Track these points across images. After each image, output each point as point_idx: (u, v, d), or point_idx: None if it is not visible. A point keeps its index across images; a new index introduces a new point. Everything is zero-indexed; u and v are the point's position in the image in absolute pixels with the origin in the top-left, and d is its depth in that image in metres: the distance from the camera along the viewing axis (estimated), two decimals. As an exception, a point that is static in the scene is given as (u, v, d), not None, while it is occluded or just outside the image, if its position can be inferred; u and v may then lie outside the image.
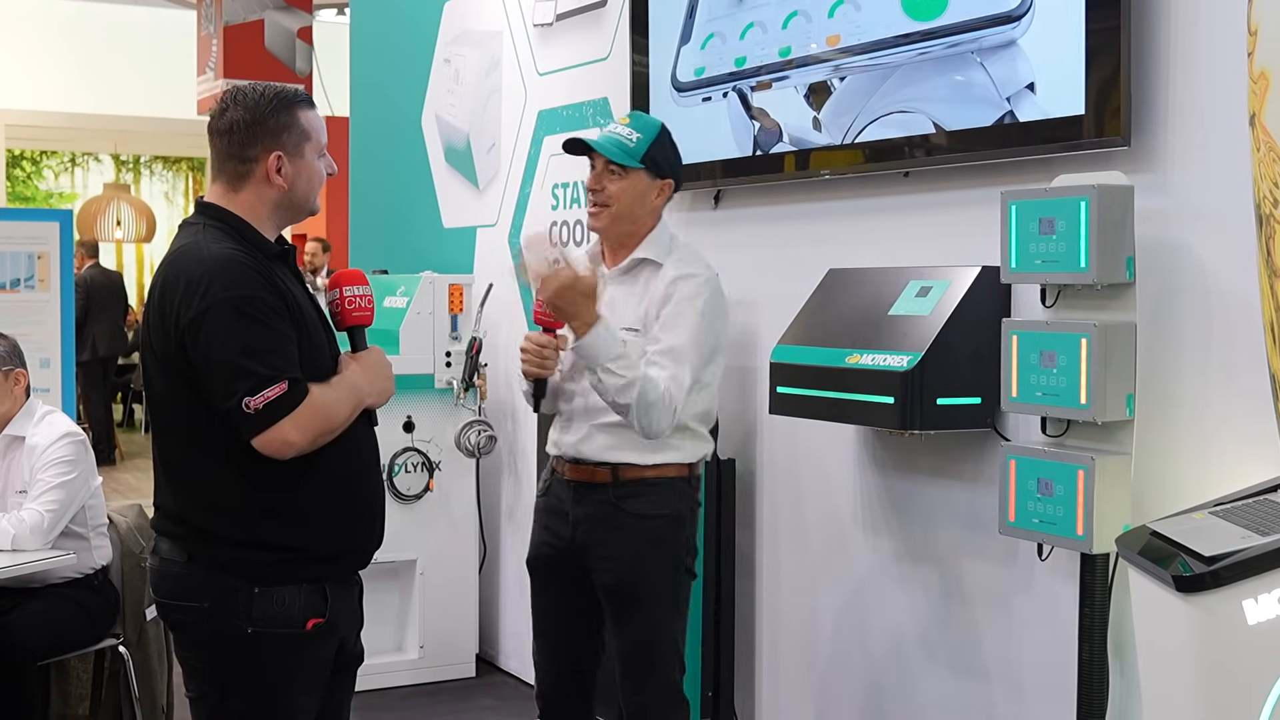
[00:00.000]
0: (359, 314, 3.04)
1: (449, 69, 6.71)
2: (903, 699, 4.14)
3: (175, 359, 2.82)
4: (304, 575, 2.91)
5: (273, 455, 2.79)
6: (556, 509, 3.64)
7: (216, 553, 2.87)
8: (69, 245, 7.82)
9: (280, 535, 2.88)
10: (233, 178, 2.93)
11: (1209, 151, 3.25)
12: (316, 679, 2.99)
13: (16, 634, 4.34)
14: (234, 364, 2.74)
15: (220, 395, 2.76)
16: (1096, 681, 3.31)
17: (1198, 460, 3.25)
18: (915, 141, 3.96)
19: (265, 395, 2.73)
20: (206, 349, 2.76)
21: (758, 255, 4.68)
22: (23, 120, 14.22)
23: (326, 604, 2.93)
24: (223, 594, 2.86)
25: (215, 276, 2.78)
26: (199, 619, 2.88)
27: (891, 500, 4.16)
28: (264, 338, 2.78)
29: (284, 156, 2.91)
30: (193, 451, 2.89)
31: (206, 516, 2.88)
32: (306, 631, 2.90)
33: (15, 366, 4.58)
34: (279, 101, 2.92)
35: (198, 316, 2.76)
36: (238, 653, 2.88)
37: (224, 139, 2.92)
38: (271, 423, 2.75)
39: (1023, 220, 3.34)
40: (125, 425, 15.33)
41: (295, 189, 2.95)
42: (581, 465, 3.60)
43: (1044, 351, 3.31)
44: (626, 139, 3.57)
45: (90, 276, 12.61)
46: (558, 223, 5.80)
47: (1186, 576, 2.56)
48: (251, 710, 2.92)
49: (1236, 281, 3.15)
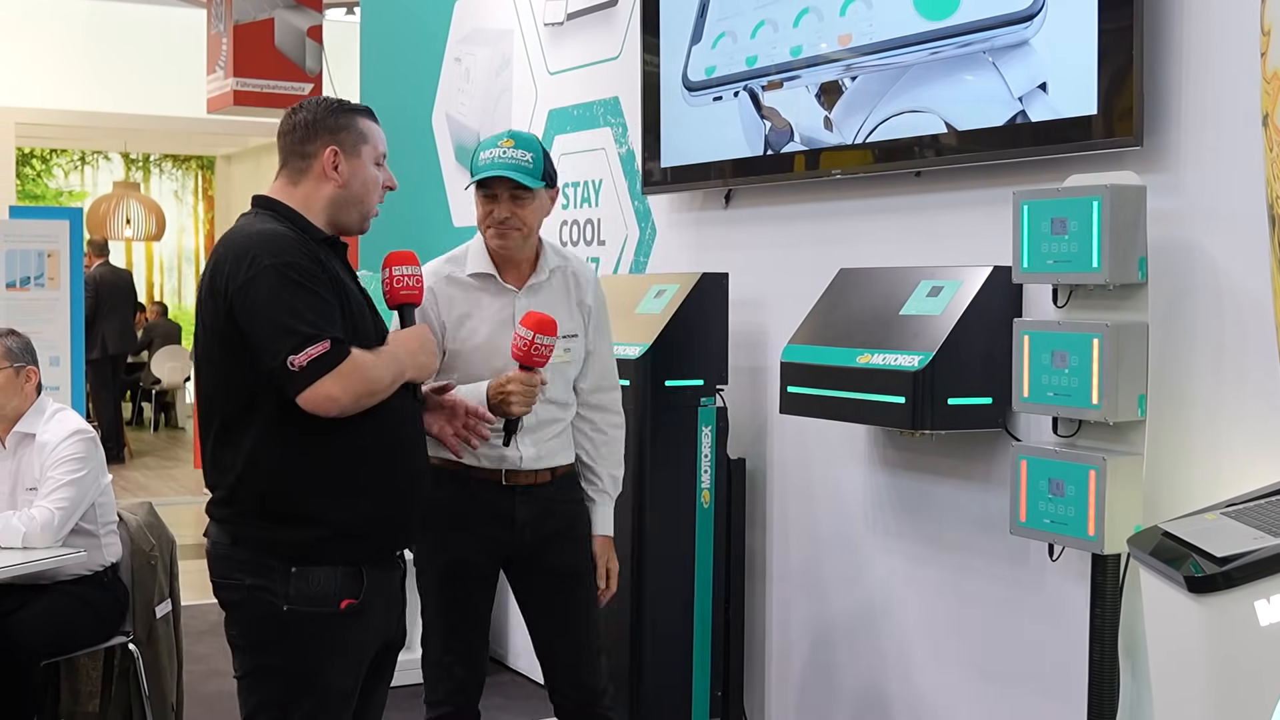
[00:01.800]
0: (406, 292, 3.16)
1: (459, 68, 6.71)
2: (912, 699, 4.14)
3: (225, 329, 2.93)
4: (341, 556, 3.00)
5: (318, 412, 2.89)
6: (491, 514, 3.66)
7: (258, 532, 2.98)
8: (79, 243, 7.83)
9: (319, 511, 2.97)
10: (293, 173, 3.10)
11: (1221, 152, 3.24)
12: (353, 661, 3.06)
13: (26, 631, 4.34)
14: (279, 323, 2.87)
15: (267, 355, 2.87)
16: (1107, 682, 3.30)
17: (1210, 461, 3.24)
18: (927, 141, 3.96)
19: (309, 353, 2.84)
20: (253, 311, 2.89)
21: (769, 255, 4.68)
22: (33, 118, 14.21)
23: (362, 586, 3.01)
24: (262, 573, 2.96)
25: (262, 247, 2.93)
26: (241, 597, 3.00)
27: (902, 500, 4.16)
28: (307, 300, 2.90)
29: (340, 153, 3.06)
30: (238, 426, 2.98)
31: (249, 493, 2.98)
32: (340, 611, 2.98)
33: (27, 364, 4.58)
34: (341, 106, 3.12)
35: (245, 283, 2.89)
36: (275, 631, 2.97)
37: (288, 137, 3.10)
38: (315, 379, 2.85)
39: (1035, 220, 3.34)
40: (134, 423, 15.35)
41: (350, 187, 3.09)
42: (528, 472, 3.67)
43: (1056, 351, 3.31)
44: (524, 162, 3.59)
45: (100, 275, 12.62)
46: (568, 221, 5.80)
47: (1198, 577, 2.56)
48: (289, 688, 3.00)
49: (1249, 282, 3.15)
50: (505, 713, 5.45)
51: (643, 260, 5.34)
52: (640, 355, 4.44)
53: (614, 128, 5.49)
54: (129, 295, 13.35)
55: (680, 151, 4.96)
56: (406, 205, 7.23)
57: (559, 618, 3.73)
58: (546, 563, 3.70)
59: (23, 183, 16.95)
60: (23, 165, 17.03)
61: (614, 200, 5.52)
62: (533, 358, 3.41)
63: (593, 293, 3.77)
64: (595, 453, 3.78)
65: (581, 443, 3.78)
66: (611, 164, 5.52)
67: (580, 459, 3.79)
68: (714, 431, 4.56)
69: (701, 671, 4.59)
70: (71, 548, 4.37)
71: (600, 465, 3.79)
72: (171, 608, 4.79)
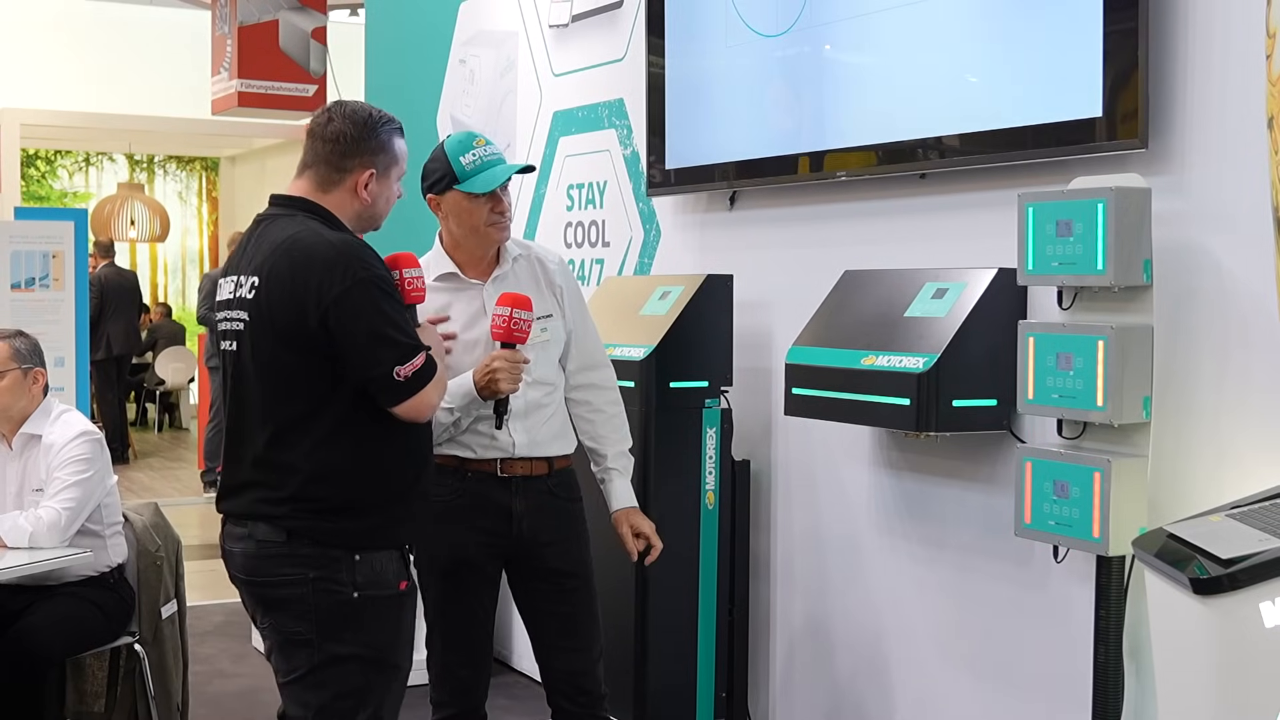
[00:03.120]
0: (415, 294, 3.27)
1: (464, 70, 6.72)
2: (917, 701, 4.14)
3: (311, 335, 3.00)
4: (393, 541, 3.16)
5: (414, 418, 3.08)
6: (489, 508, 3.68)
7: (319, 524, 3.07)
8: (83, 244, 7.84)
9: (379, 503, 3.11)
10: (324, 181, 3.17)
11: (1226, 155, 3.25)
12: (410, 638, 3.23)
13: (34, 635, 4.34)
14: (384, 335, 3.01)
15: (368, 364, 3.01)
16: (1112, 684, 3.30)
17: (1214, 463, 3.25)
18: (931, 143, 3.96)
19: (413, 364, 3.02)
20: (354, 322, 3.00)
21: (773, 256, 4.69)
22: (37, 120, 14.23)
23: (407, 568, 3.20)
24: (327, 563, 3.07)
25: (352, 257, 3.04)
26: (304, 591, 3.07)
27: (906, 502, 4.17)
28: (400, 313, 3.09)
29: (375, 175, 3.17)
30: (308, 429, 3.06)
31: (319, 488, 3.07)
32: (401, 592, 3.15)
33: (35, 365, 4.59)
34: (383, 124, 3.21)
35: (343, 293, 2.99)
36: (347, 618, 3.08)
37: (327, 146, 3.16)
38: (419, 389, 3.04)
39: (1040, 222, 3.34)
40: (139, 424, 15.36)
41: (376, 206, 3.22)
42: (523, 461, 3.68)
43: (1061, 353, 3.31)
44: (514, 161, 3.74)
45: (105, 276, 12.63)
46: (572, 223, 5.81)
47: (1204, 579, 2.56)
48: (365, 674, 3.10)
49: (1254, 284, 3.15)
50: (510, 714, 5.46)
51: (647, 262, 5.35)
52: (645, 356, 4.44)
53: (619, 129, 5.50)
54: (134, 296, 13.36)
55: (685, 153, 4.96)
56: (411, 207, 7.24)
57: (558, 621, 3.74)
58: (547, 565, 3.71)
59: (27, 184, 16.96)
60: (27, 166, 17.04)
61: (619, 202, 5.53)
62: (513, 334, 3.50)
63: (560, 274, 3.82)
64: (596, 432, 3.81)
65: (582, 427, 3.81)
66: (616, 166, 5.53)
67: (584, 443, 3.81)
68: (718, 433, 4.56)
69: (706, 673, 4.60)
70: (78, 548, 4.38)
71: (604, 445, 3.82)
72: (177, 608, 4.80)
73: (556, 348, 3.77)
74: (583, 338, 3.84)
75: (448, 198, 3.67)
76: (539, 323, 3.69)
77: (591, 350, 3.86)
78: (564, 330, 3.78)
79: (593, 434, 3.82)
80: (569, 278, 3.86)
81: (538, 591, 3.75)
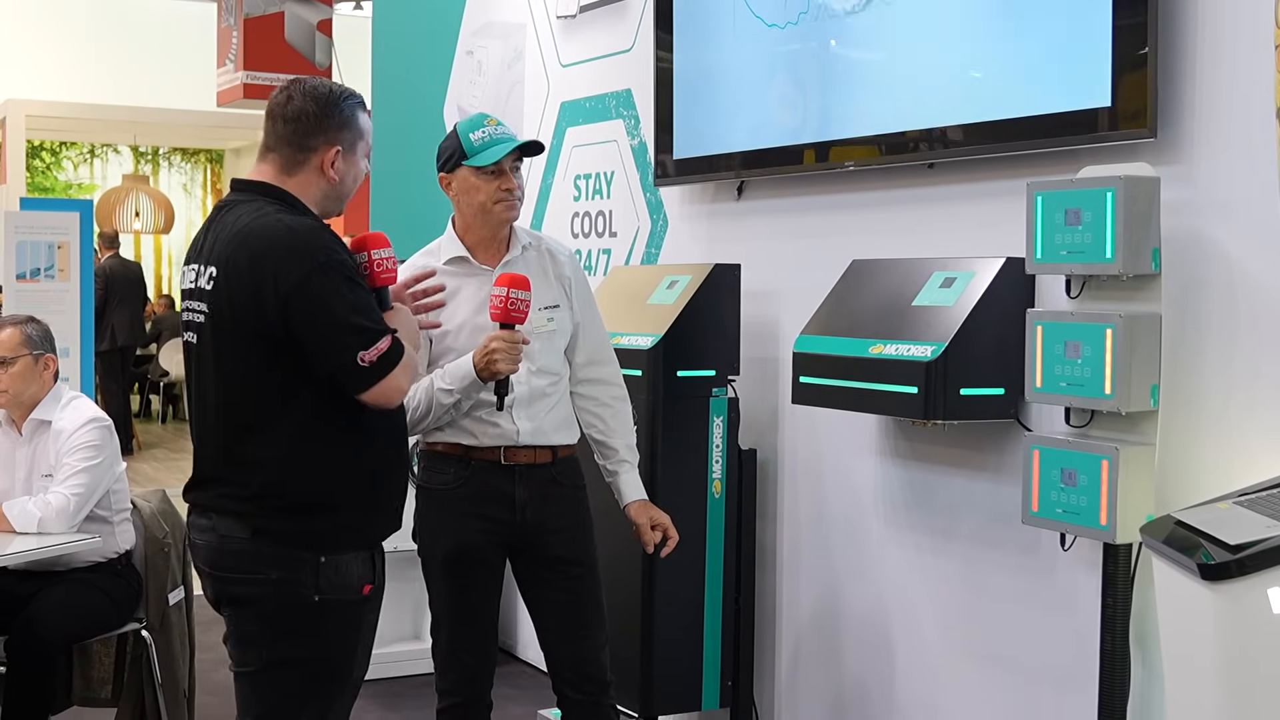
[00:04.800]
0: (385, 275, 3.16)
1: (471, 60, 6.73)
2: (923, 689, 4.15)
3: (268, 326, 2.91)
4: (360, 542, 3.06)
5: (384, 405, 2.97)
6: (492, 495, 3.69)
7: (283, 525, 2.99)
8: (89, 235, 7.86)
9: (344, 502, 3.02)
10: (288, 162, 3.06)
11: (1235, 144, 3.26)
12: (369, 645, 3.14)
13: (42, 620, 4.36)
14: (346, 322, 2.91)
15: (333, 352, 2.91)
16: (1119, 671, 3.32)
17: (1222, 451, 3.26)
18: (940, 133, 3.97)
19: (378, 348, 2.91)
20: (315, 310, 2.90)
21: (781, 246, 4.70)
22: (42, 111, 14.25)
23: (374, 571, 3.09)
24: (290, 565, 2.98)
25: (310, 243, 2.93)
26: (265, 591, 2.99)
27: (913, 491, 4.18)
28: (364, 298, 2.97)
29: (341, 152, 3.06)
30: (268, 424, 2.98)
31: (282, 485, 2.99)
32: (364, 597, 3.05)
33: (46, 351, 4.60)
34: (346, 99, 3.10)
35: (301, 281, 2.89)
36: (304, 622, 2.99)
37: (288, 125, 3.05)
38: (385, 374, 2.93)
39: (1049, 211, 3.35)
40: (142, 416, 15.38)
41: (343, 184, 3.11)
42: (526, 449, 3.69)
43: (1069, 342, 3.32)
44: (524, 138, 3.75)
45: (109, 267, 12.64)
46: (579, 213, 5.82)
47: (1211, 565, 2.57)
48: (311, 679, 3.03)
49: (1262, 273, 3.17)
50: (515, 703, 5.48)
51: (654, 252, 5.36)
52: (652, 345, 4.45)
53: (626, 120, 5.51)
54: (138, 287, 13.37)
55: (692, 144, 4.97)
56: (418, 198, 7.25)
57: (563, 609, 3.75)
58: (551, 553, 3.73)
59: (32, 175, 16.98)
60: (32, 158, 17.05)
61: (626, 192, 5.53)
62: (511, 314, 3.50)
63: (570, 266, 3.84)
64: (605, 427, 3.83)
65: (589, 420, 3.83)
66: (624, 156, 5.53)
67: (592, 436, 3.83)
68: (725, 422, 4.57)
69: (712, 661, 4.61)
70: (86, 534, 4.40)
71: (613, 438, 3.84)
72: (184, 595, 4.81)
73: (562, 339, 3.78)
74: (590, 331, 3.85)
75: (458, 175, 3.69)
76: (545, 312, 3.71)
77: (598, 344, 3.87)
78: (570, 322, 3.80)
79: (601, 428, 3.84)
80: (578, 271, 3.88)
81: (542, 580, 3.76)
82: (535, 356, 3.67)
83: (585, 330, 3.84)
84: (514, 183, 3.70)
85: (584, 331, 3.83)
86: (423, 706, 3.87)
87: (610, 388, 3.86)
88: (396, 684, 5.75)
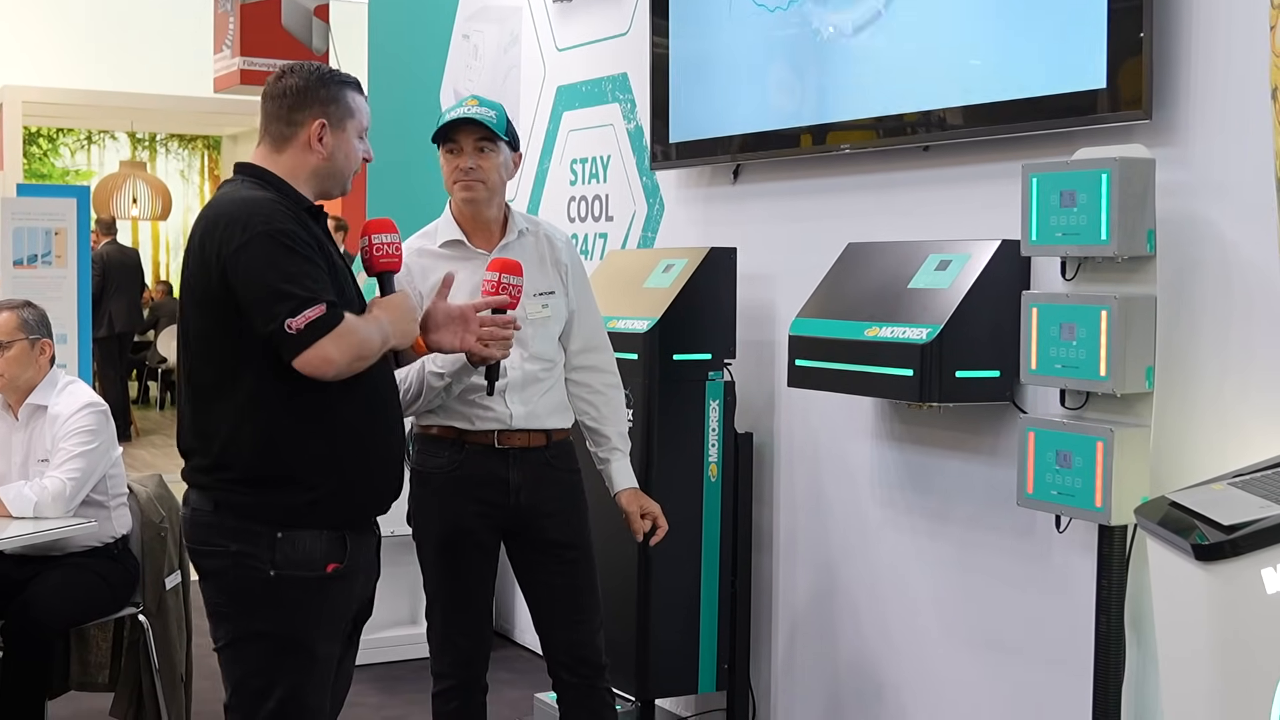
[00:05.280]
0: (386, 260, 3.19)
1: (468, 45, 6.71)
2: (919, 672, 4.16)
3: (216, 294, 2.94)
4: (326, 521, 3.03)
5: (314, 375, 2.90)
6: (486, 479, 3.69)
7: (241, 498, 2.99)
8: (86, 221, 7.85)
9: (305, 476, 3.00)
10: (277, 140, 3.09)
11: (1230, 125, 3.25)
12: (336, 626, 3.10)
13: (38, 605, 4.36)
14: (275, 288, 2.88)
15: (263, 319, 2.88)
16: (1114, 653, 3.32)
17: (1216, 432, 3.26)
18: (935, 116, 3.97)
19: (306, 316, 2.86)
20: (248, 276, 2.90)
21: (777, 229, 4.69)
22: (39, 98, 14.22)
23: (345, 551, 3.06)
24: (248, 538, 2.98)
25: (254, 213, 2.94)
26: (226, 564, 3.01)
27: (909, 473, 4.18)
28: (301, 265, 2.92)
29: (327, 126, 3.07)
30: (225, 392, 2.99)
31: (235, 459, 2.99)
32: (326, 574, 3.02)
33: (42, 336, 4.60)
34: (332, 77, 3.12)
35: (239, 248, 2.90)
36: (261, 597, 3.00)
37: (275, 102, 3.09)
38: (312, 341, 2.87)
39: (1044, 193, 3.35)
40: (141, 402, 15.37)
41: (334, 160, 3.11)
42: (520, 433, 3.69)
43: (1064, 324, 3.32)
44: (488, 116, 3.68)
45: (107, 253, 12.63)
46: (576, 198, 5.81)
47: (1206, 545, 2.57)
48: (275, 654, 3.02)
49: (1256, 255, 3.16)
50: (512, 687, 5.49)
51: (650, 236, 5.35)
52: (648, 329, 4.45)
53: (622, 104, 5.50)
54: (136, 274, 13.35)
55: (688, 127, 4.96)
56: (414, 183, 7.25)
57: (558, 593, 3.75)
58: (546, 537, 3.73)
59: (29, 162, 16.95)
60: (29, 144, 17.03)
61: (622, 176, 5.53)
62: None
63: (567, 252, 3.83)
64: (598, 414, 3.83)
65: (582, 408, 3.83)
66: (620, 140, 5.53)
67: (584, 424, 3.83)
68: (721, 405, 4.57)
69: (708, 644, 4.61)
70: (82, 518, 4.40)
71: (605, 425, 3.84)
72: (181, 579, 4.81)
73: (557, 325, 3.77)
74: (585, 319, 3.85)
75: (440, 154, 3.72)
76: (540, 298, 3.71)
77: (593, 332, 3.87)
78: (566, 309, 3.79)
79: (594, 415, 3.84)
80: (575, 258, 3.88)
81: (537, 563, 3.77)
82: (529, 342, 3.67)
83: (580, 317, 3.83)
84: (471, 162, 3.67)
85: (579, 319, 3.83)
86: (421, 690, 3.87)
87: (604, 375, 3.85)
88: (394, 668, 5.76)
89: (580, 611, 3.75)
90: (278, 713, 3.03)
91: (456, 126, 3.66)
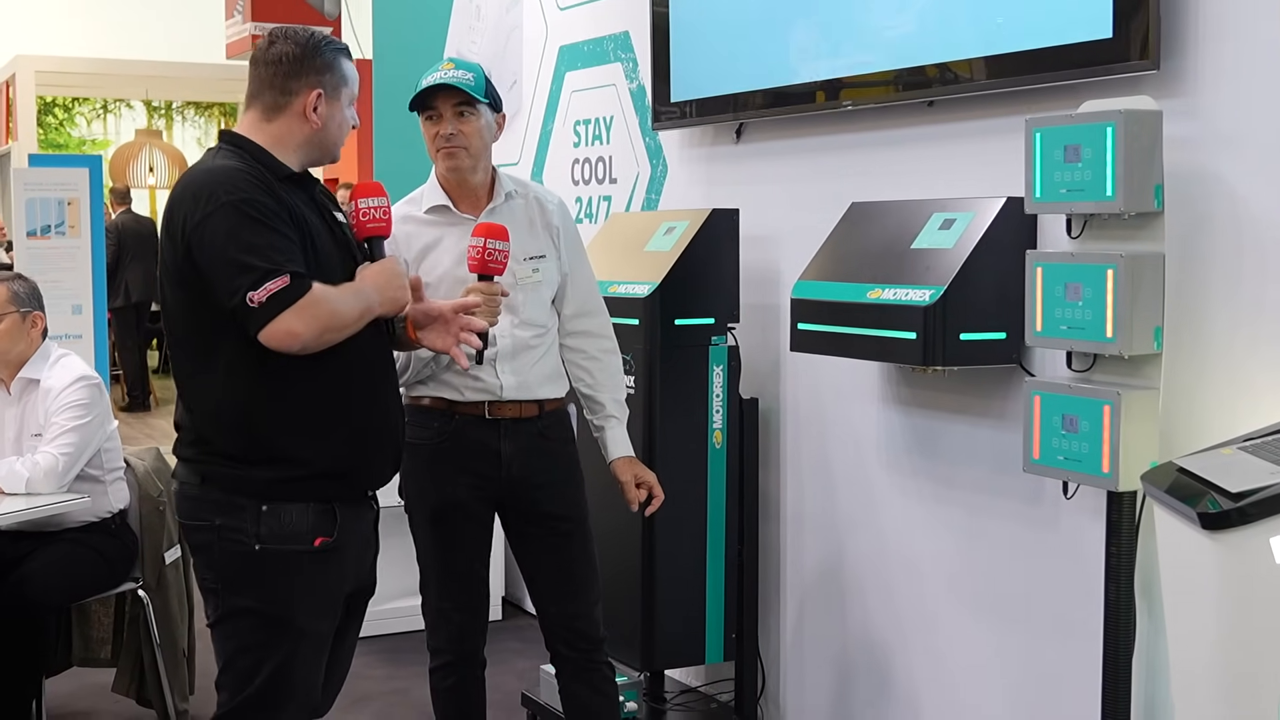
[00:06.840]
0: (374, 225, 3.10)
1: (470, 6, 6.62)
2: (926, 639, 4.08)
3: (184, 268, 2.89)
4: (312, 494, 2.98)
5: (280, 348, 2.83)
6: (477, 451, 3.61)
7: (226, 471, 2.95)
8: (99, 191, 7.81)
9: (288, 450, 2.95)
10: (269, 108, 3.03)
11: (1240, 75, 3.13)
12: (326, 601, 3.05)
13: (35, 580, 4.32)
14: (237, 260, 2.81)
15: (226, 292, 2.82)
16: (1123, 621, 3.22)
17: (1226, 394, 3.15)
18: (939, 69, 3.85)
19: (268, 288, 2.78)
20: (210, 248, 2.83)
21: (780, 190, 4.59)
22: (54, 67, 14.19)
23: (335, 524, 3.00)
24: (232, 511, 2.94)
25: (219, 184, 2.87)
26: (211, 538, 2.97)
27: (915, 438, 4.08)
28: (266, 236, 2.84)
29: (323, 96, 3.02)
30: (202, 366, 2.95)
31: (216, 433, 2.96)
32: (313, 549, 2.97)
33: (34, 309, 4.55)
34: (327, 44, 3.06)
35: (202, 220, 2.84)
36: (247, 571, 2.96)
37: (269, 69, 3.02)
38: (275, 314, 2.79)
39: (1048, 148, 3.23)
40: (160, 371, 15.36)
41: (326, 130, 3.05)
42: (511, 404, 3.61)
43: (1069, 284, 3.21)
44: (465, 80, 3.56)
45: (122, 223, 12.60)
46: (579, 160, 5.71)
47: (1213, 514, 2.49)
48: (265, 630, 2.98)
49: (1268, 210, 3.06)
50: (522, 656, 5.45)
51: (654, 198, 5.25)
52: (649, 293, 4.35)
53: (624, 63, 5.40)
54: (151, 243, 13.29)
55: (691, 85, 4.85)
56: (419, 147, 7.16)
57: (553, 566, 3.69)
58: (539, 509, 3.66)
59: (45, 132, 16.94)
60: (45, 115, 17.01)
61: (625, 137, 5.43)
62: (488, 265, 3.38)
63: (559, 215, 3.73)
64: (593, 380, 3.75)
65: (577, 374, 3.75)
66: (622, 100, 5.43)
67: (580, 391, 3.75)
68: (725, 370, 4.48)
69: (715, 613, 4.54)
70: (77, 493, 4.34)
71: (601, 392, 3.75)
72: (181, 554, 4.76)
73: (549, 289, 3.68)
74: (578, 282, 3.76)
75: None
76: (530, 263, 3.62)
77: (586, 295, 3.78)
78: (558, 273, 3.70)
79: (589, 382, 3.75)
80: (567, 220, 3.78)
81: (531, 536, 3.69)
82: (520, 308, 3.58)
83: (574, 282, 3.74)
84: (451, 128, 3.57)
85: (573, 283, 3.74)
86: (425, 663, 3.81)
87: (599, 340, 3.76)
88: (398, 640, 5.72)
89: (575, 584, 3.68)
90: (265, 689, 2.99)
91: (433, 93, 3.56)
